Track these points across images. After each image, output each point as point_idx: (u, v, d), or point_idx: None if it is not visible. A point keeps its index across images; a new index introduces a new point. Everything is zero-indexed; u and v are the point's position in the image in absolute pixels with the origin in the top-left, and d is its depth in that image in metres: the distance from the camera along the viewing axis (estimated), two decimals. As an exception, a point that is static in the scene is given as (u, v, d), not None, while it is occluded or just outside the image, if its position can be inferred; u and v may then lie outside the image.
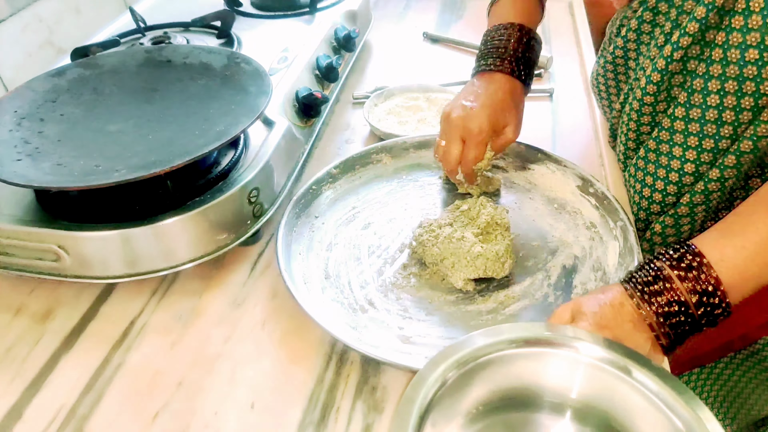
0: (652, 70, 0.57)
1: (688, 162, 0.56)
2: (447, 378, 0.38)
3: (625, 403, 0.38)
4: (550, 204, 0.65)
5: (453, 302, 0.55)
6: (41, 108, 0.62)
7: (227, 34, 0.83)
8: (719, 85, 0.51)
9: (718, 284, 0.43)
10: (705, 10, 0.51)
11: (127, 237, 0.53)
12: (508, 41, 0.65)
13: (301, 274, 0.56)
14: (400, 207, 0.66)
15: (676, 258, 0.45)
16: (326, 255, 0.60)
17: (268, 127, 0.66)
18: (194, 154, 0.52)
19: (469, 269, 0.55)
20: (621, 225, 0.58)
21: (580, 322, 0.43)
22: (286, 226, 0.59)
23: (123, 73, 0.68)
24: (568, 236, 0.61)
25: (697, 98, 0.53)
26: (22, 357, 0.52)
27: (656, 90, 0.57)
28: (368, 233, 0.62)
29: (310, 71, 0.78)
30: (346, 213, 0.65)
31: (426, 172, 0.71)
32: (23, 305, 0.57)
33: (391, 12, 1.11)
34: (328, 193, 0.66)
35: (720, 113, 0.52)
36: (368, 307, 0.54)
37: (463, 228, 0.58)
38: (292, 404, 0.48)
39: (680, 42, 0.53)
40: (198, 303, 0.56)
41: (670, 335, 0.43)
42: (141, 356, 0.52)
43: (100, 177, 0.52)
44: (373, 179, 0.69)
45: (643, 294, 0.44)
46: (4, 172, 0.52)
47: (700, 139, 0.54)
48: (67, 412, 0.47)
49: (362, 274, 0.58)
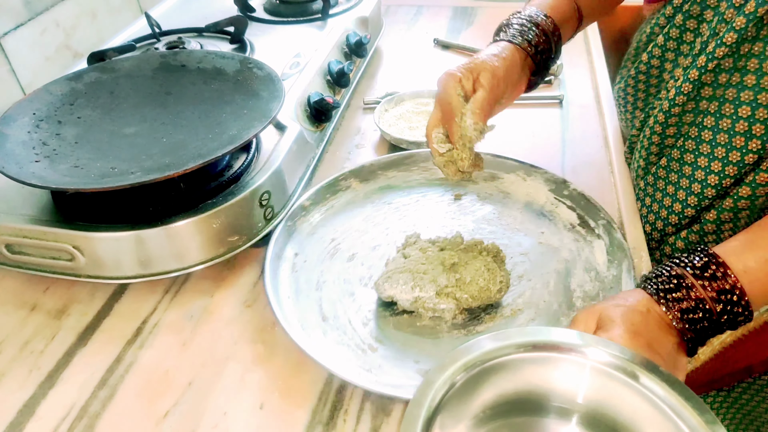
0: (684, 80, 0.56)
1: (713, 174, 0.55)
2: (455, 381, 0.38)
3: (632, 409, 0.38)
4: (528, 211, 0.64)
5: (461, 325, 0.53)
6: (59, 111, 0.63)
7: (240, 39, 0.84)
8: (752, 95, 0.50)
9: (743, 294, 0.43)
10: (745, 21, 0.50)
11: (140, 238, 0.54)
12: (534, 24, 0.59)
13: (296, 319, 0.53)
14: (381, 232, 0.63)
15: (699, 267, 0.45)
16: (317, 295, 0.56)
17: (280, 131, 0.67)
18: (207, 158, 0.53)
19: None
20: (603, 223, 0.58)
21: (613, 330, 0.42)
22: (271, 271, 0.56)
23: (138, 77, 0.69)
24: (553, 240, 0.61)
25: (729, 108, 0.52)
26: (39, 351, 0.53)
27: (685, 100, 0.56)
28: (355, 265, 0.59)
29: (322, 76, 0.79)
30: (326, 246, 0.62)
31: (398, 193, 0.69)
32: (39, 302, 0.58)
33: (402, 18, 1.12)
34: (304, 227, 0.63)
35: (750, 125, 0.51)
36: (377, 345, 0.52)
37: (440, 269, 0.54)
38: (300, 405, 0.48)
39: (716, 52, 0.52)
40: (209, 303, 0.57)
41: (692, 337, 0.44)
42: (153, 354, 0.53)
43: (115, 179, 0.53)
44: (345, 206, 0.67)
45: (668, 301, 0.44)
46: (23, 173, 0.53)
47: (727, 150, 0.53)
48: (80, 408, 0.48)
49: (361, 310, 0.55)
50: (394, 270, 0.55)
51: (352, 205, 0.67)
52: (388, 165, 0.71)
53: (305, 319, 0.54)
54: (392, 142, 0.77)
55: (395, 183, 0.70)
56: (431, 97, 0.83)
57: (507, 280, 0.55)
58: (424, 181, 0.70)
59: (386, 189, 0.69)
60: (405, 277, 0.54)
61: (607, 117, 0.81)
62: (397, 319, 0.54)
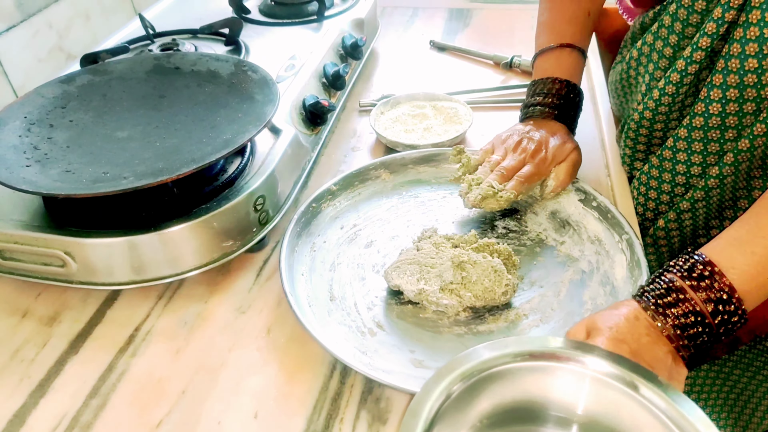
0: (672, 71, 0.59)
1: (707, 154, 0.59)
2: (452, 391, 0.38)
3: (632, 420, 0.38)
4: (553, 219, 0.64)
5: (463, 322, 0.54)
6: (51, 114, 0.63)
7: (235, 41, 0.83)
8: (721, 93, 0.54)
9: (733, 291, 0.43)
10: (715, 26, 0.54)
11: (133, 244, 0.53)
12: (554, 95, 0.66)
13: (305, 296, 0.55)
14: (402, 224, 0.65)
15: (686, 269, 0.45)
16: (330, 275, 0.58)
17: (275, 134, 0.66)
18: (201, 162, 0.53)
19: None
20: (626, 238, 0.58)
21: (597, 338, 0.42)
22: (288, 247, 0.58)
23: (132, 79, 0.68)
24: (573, 251, 0.60)
25: (716, 94, 0.56)
26: (30, 359, 0.52)
27: (675, 91, 0.60)
28: (372, 251, 0.61)
29: (317, 79, 0.78)
30: (347, 231, 0.64)
31: (426, 188, 0.70)
32: (30, 309, 0.57)
33: (398, 20, 1.12)
34: (328, 210, 0.65)
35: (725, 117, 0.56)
36: (377, 330, 0.53)
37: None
38: (295, 413, 0.48)
39: (700, 43, 0.56)
40: (203, 309, 0.57)
41: (689, 347, 0.43)
42: (146, 362, 0.52)
43: (108, 184, 0.52)
44: (372, 195, 0.68)
45: (657, 307, 0.44)
46: (13, 178, 0.52)
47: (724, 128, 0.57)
48: (71, 418, 0.48)
49: (368, 295, 0.56)
50: (404, 260, 0.56)
51: (379, 195, 0.69)
52: (420, 160, 0.71)
53: (314, 296, 0.56)
54: (388, 145, 0.76)
55: (425, 178, 0.71)
56: (427, 100, 0.83)
57: (514, 284, 0.55)
58: (454, 179, 0.70)
59: (415, 183, 0.70)
60: (413, 269, 0.55)
61: (603, 120, 0.81)
62: (402, 309, 0.55)
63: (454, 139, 0.75)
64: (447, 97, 0.83)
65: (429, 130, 0.78)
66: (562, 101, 0.66)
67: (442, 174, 0.71)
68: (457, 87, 0.87)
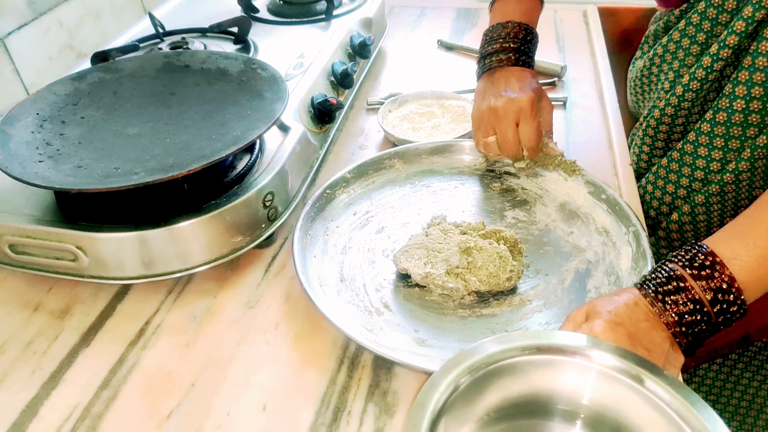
0: (697, 67, 0.61)
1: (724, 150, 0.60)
2: (459, 384, 0.38)
3: (637, 413, 0.38)
4: (562, 210, 0.65)
5: (468, 306, 0.55)
6: (62, 111, 0.63)
7: (244, 40, 0.84)
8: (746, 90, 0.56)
9: (732, 282, 0.43)
10: (744, 24, 0.55)
11: (143, 239, 0.54)
12: (513, 39, 0.67)
13: (316, 276, 0.57)
14: (414, 212, 0.66)
15: (688, 258, 0.45)
16: (341, 258, 0.60)
17: (284, 132, 0.67)
18: (211, 158, 0.53)
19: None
20: (633, 230, 0.58)
21: (595, 321, 0.43)
22: (302, 229, 0.60)
23: (142, 77, 0.69)
24: (581, 241, 0.61)
25: (741, 90, 0.57)
26: (42, 351, 0.53)
27: (699, 87, 0.61)
28: (382, 237, 0.63)
29: (326, 77, 0.79)
30: (360, 217, 0.66)
31: (438, 178, 0.71)
32: (42, 303, 0.58)
33: (405, 20, 1.12)
34: (342, 197, 0.67)
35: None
36: (384, 310, 0.55)
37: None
38: (303, 406, 0.48)
39: (727, 40, 0.57)
40: (213, 304, 0.57)
41: (687, 335, 0.43)
42: (156, 355, 0.52)
43: (119, 179, 0.53)
44: (386, 184, 0.70)
45: (657, 293, 0.44)
46: (26, 173, 0.53)
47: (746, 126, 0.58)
48: (83, 409, 0.48)
49: (377, 277, 0.58)
50: (413, 245, 0.58)
51: (392, 183, 0.70)
52: (434, 151, 0.73)
53: (325, 277, 0.58)
54: (396, 143, 0.77)
55: (438, 168, 0.72)
56: (435, 98, 0.83)
57: (519, 270, 0.56)
58: (466, 170, 0.72)
59: (428, 173, 0.72)
60: (420, 253, 0.57)
61: (611, 119, 0.81)
62: (409, 291, 0.57)
63: (462, 137, 0.75)
64: (454, 96, 0.83)
65: (437, 128, 0.78)
66: (524, 46, 0.67)
67: (454, 164, 0.72)
68: (464, 86, 0.88)
